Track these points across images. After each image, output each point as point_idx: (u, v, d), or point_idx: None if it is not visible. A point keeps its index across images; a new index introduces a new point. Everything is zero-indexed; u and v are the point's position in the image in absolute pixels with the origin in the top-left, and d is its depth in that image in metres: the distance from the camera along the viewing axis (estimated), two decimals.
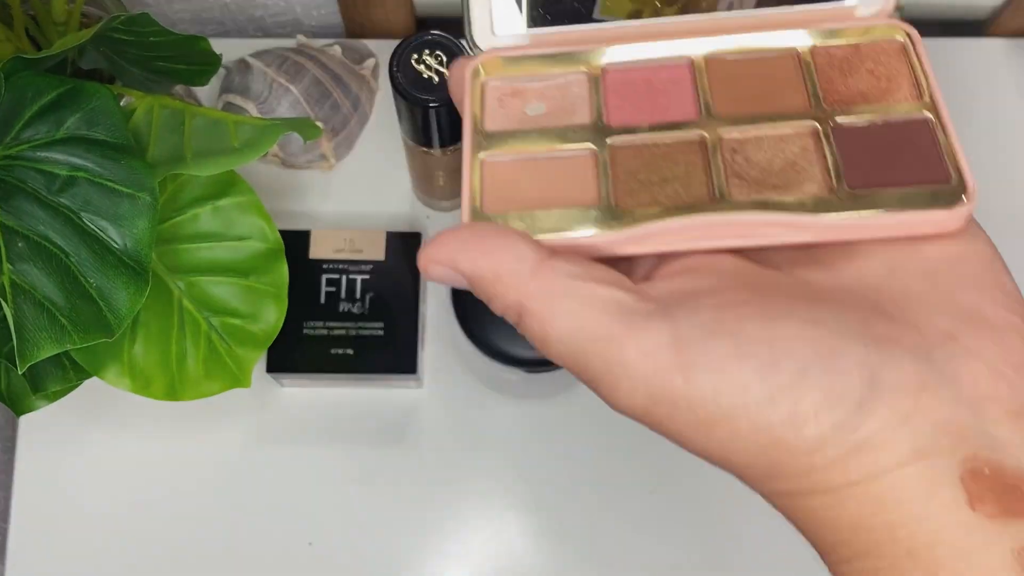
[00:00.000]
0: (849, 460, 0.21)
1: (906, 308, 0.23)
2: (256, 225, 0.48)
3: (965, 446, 0.21)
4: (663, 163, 0.26)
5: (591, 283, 0.23)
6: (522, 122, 0.28)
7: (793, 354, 0.21)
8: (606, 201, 0.26)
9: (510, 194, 0.26)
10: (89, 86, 0.40)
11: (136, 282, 0.40)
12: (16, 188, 0.39)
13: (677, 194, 0.25)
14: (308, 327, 0.55)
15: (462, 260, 0.24)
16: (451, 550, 0.57)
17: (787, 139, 0.26)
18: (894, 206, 0.24)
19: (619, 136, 0.27)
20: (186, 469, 0.58)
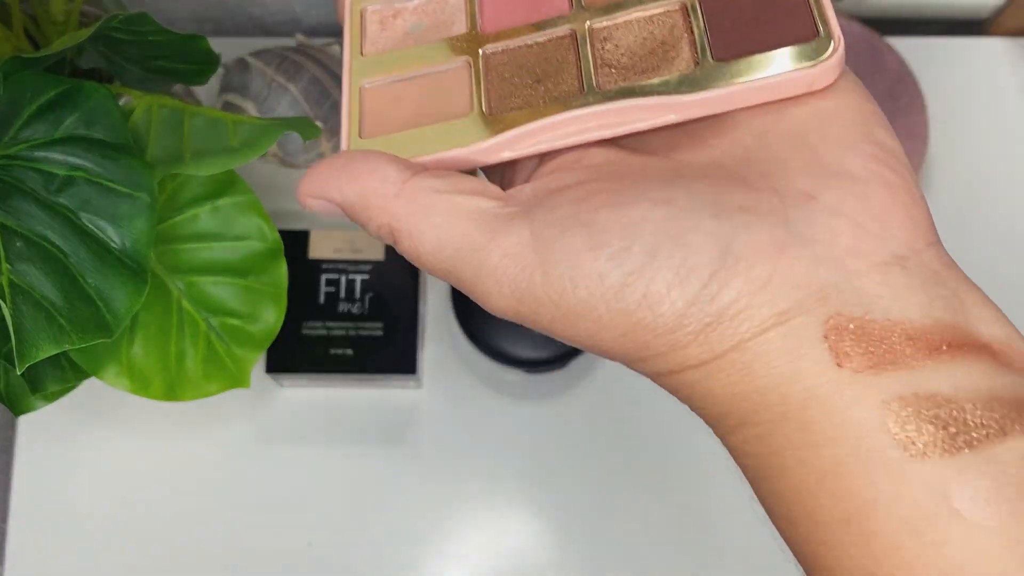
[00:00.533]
0: (710, 333, 0.21)
1: (770, 173, 0.22)
2: (255, 225, 0.47)
3: (828, 304, 0.21)
4: (535, 63, 0.26)
5: (455, 195, 0.23)
6: (402, 41, 0.28)
7: (644, 236, 0.21)
8: (478, 110, 0.26)
9: (389, 117, 0.27)
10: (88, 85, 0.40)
11: (135, 282, 0.40)
12: (14, 188, 0.39)
13: (548, 92, 0.26)
14: (307, 327, 0.55)
15: (331, 190, 0.24)
16: (451, 550, 0.57)
17: (656, 19, 0.26)
18: (759, 71, 0.24)
19: (492, 43, 0.27)
20: (185, 469, 0.58)
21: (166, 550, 0.57)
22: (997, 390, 0.20)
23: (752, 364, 0.21)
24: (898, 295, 0.21)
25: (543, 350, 0.56)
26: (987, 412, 0.20)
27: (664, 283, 0.21)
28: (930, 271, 0.21)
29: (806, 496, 0.21)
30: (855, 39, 0.59)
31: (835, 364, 0.20)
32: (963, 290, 0.22)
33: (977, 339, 0.21)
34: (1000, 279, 0.59)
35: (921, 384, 0.20)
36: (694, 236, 0.21)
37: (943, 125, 0.61)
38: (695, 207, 0.22)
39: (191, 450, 0.58)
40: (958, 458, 0.19)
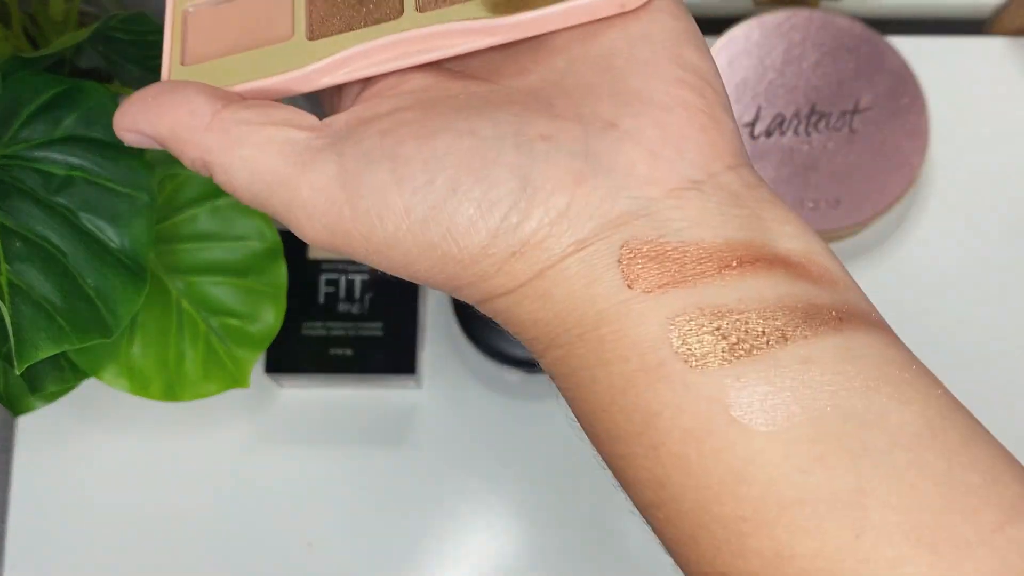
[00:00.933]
0: (515, 263, 0.22)
1: (577, 100, 0.23)
2: (255, 225, 0.47)
3: (624, 231, 0.21)
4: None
5: (266, 127, 0.23)
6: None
7: (446, 169, 0.22)
8: (300, 35, 0.25)
9: (212, 41, 0.26)
10: (87, 85, 0.40)
11: (134, 282, 0.40)
12: (13, 188, 0.39)
13: (369, 14, 0.25)
14: (307, 327, 0.55)
15: (143, 122, 0.24)
16: (450, 550, 0.57)
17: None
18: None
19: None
20: (184, 470, 0.58)
21: (166, 550, 0.57)
22: (784, 299, 0.21)
23: (552, 291, 0.22)
24: (691, 218, 0.21)
25: None
26: (770, 320, 0.20)
27: (466, 217, 0.21)
28: (727, 193, 0.22)
29: (602, 413, 0.22)
30: (855, 39, 0.59)
31: (626, 286, 0.21)
32: (764, 208, 0.22)
33: (773, 254, 0.21)
34: (1000, 279, 0.59)
35: (706, 299, 0.21)
36: (494, 168, 0.21)
37: (943, 125, 0.61)
38: (498, 137, 0.22)
39: (191, 450, 0.58)
40: (736, 366, 0.20)
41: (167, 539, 0.57)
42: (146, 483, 0.57)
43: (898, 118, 0.57)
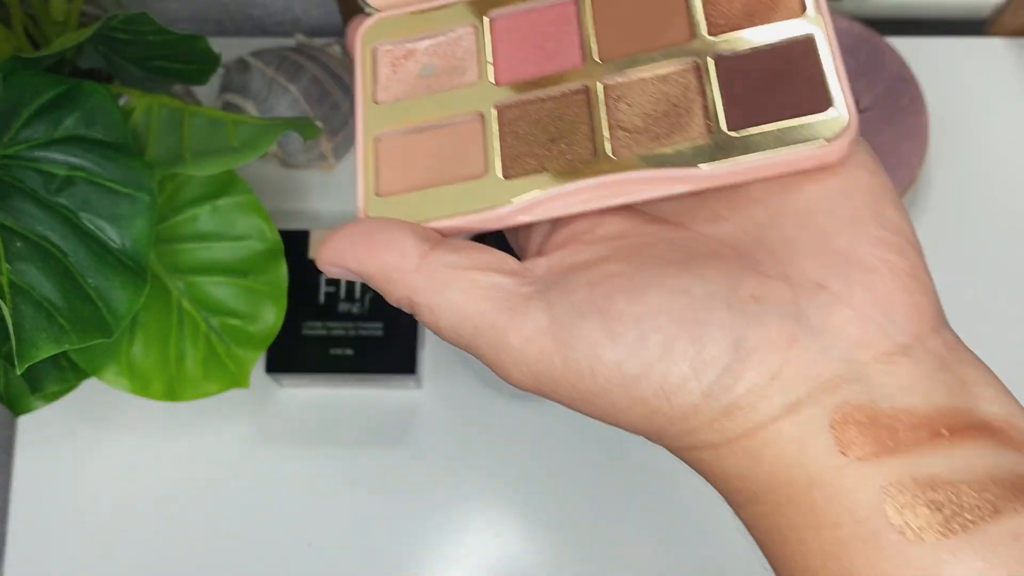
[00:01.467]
0: (724, 421, 0.22)
1: (782, 258, 0.23)
2: (255, 225, 0.47)
3: (836, 395, 0.21)
4: (549, 120, 0.26)
5: (472, 271, 0.24)
6: (414, 87, 0.28)
7: (660, 328, 0.22)
8: (493, 173, 0.26)
9: (404, 171, 0.27)
10: (87, 85, 0.40)
11: (135, 282, 0.40)
12: (14, 188, 0.39)
13: (561, 154, 0.26)
14: (307, 327, 0.55)
15: (351, 260, 0.25)
16: (450, 550, 0.57)
17: (669, 79, 0.26)
18: (772, 145, 0.24)
19: (505, 95, 0.27)
20: (185, 470, 0.58)
21: (166, 550, 0.57)
22: (993, 470, 0.21)
23: (761, 451, 0.22)
24: (902, 384, 0.21)
25: None
26: (982, 493, 0.20)
27: (680, 375, 0.22)
28: (934, 357, 0.22)
29: (809, 574, 0.22)
30: (855, 39, 0.59)
31: (839, 452, 0.21)
32: (967, 371, 0.22)
33: (979, 419, 0.21)
34: (1000, 278, 0.59)
35: (920, 469, 0.21)
36: (708, 328, 0.22)
37: (943, 125, 0.61)
38: (709, 296, 0.22)
39: (191, 450, 0.58)
40: (952, 540, 0.20)
41: (167, 539, 0.57)
42: (146, 483, 0.57)
43: (898, 119, 0.57)
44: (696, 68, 0.26)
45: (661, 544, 0.56)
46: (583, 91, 0.26)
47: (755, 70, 0.25)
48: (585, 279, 0.23)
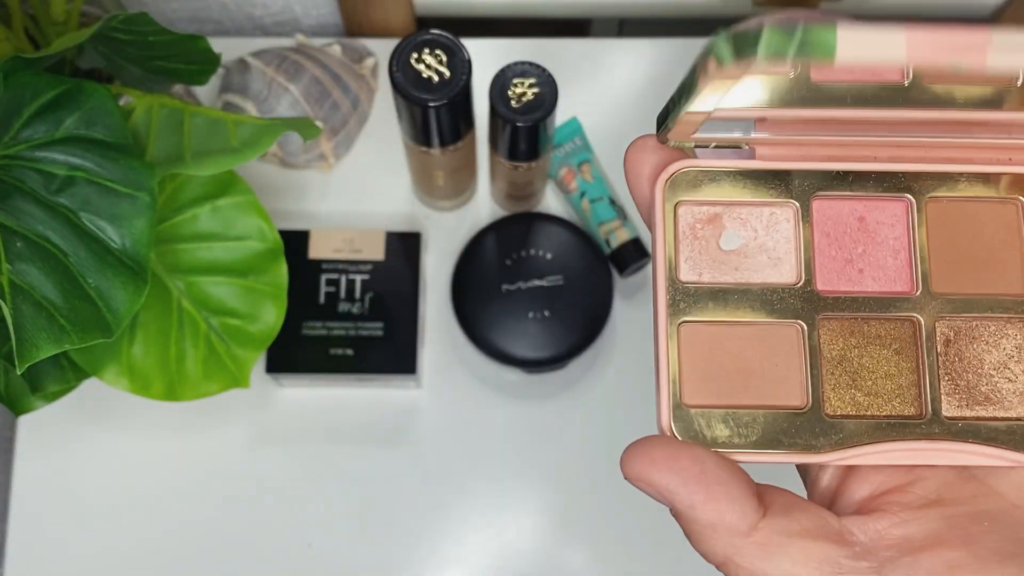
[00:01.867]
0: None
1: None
2: (255, 225, 0.47)
3: None
4: (874, 351, 0.25)
5: (804, 540, 0.23)
6: (719, 265, 0.25)
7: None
8: (813, 406, 0.24)
9: (710, 378, 0.25)
10: (88, 85, 0.40)
11: (135, 282, 0.40)
12: (15, 188, 0.39)
13: (887, 403, 0.24)
14: (307, 327, 0.55)
15: (679, 498, 0.24)
16: (451, 550, 0.57)
17: (1002, 332, 0.25)
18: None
19: (828, 310, 0.25)
20: (185, 469, 0.58)
21: (166, 550, 0.57)
22: None
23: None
24: None
25: (543, 350, 0.56)
26: None
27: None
28: None
29: None
30: None
31: None
32: None
33: None
34: None
35: None
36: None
37: None
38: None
39: (191, 450, 0.58)
40: None
41: (167, 538, 0.57)
42: (146, 483, 0.57)
43: None
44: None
45: (662, 544, 0.56)
46: (912, 324, 0.25)
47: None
48: (927, 567, 0.23)
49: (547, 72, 0.48)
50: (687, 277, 0.25)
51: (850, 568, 0.23)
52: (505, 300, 0.56)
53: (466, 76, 0.46)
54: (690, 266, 0.25)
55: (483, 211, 0.61)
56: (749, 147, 0.25)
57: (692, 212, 0.25)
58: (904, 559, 0.23)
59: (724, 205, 0.25)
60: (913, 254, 0.25)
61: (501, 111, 0.48)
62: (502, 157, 0.52)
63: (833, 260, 0.25)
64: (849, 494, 0.25)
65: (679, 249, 0.25)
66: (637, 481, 0.24)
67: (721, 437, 0.24)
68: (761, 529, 0.23)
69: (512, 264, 0.57)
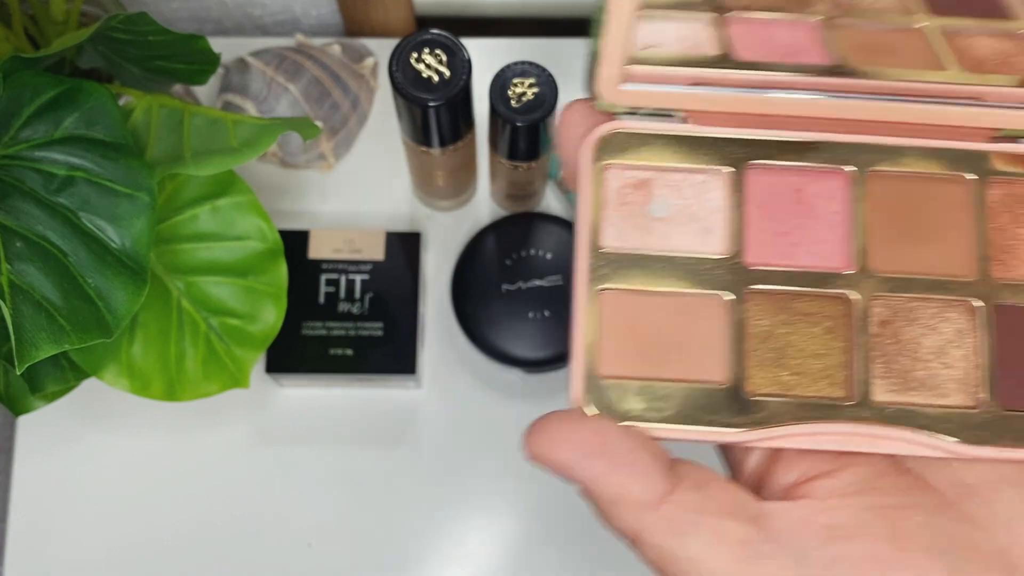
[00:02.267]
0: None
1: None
2: (255, 225, 0.47)
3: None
4: (803, 329, 0.23)
5: (717, 519, 0.22)
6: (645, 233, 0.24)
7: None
8: (734, 382, 0.23)
9: (628, 348, 0.23)
10: (87, 85, 0.40)
11: (135, 282, 0.40)
12: (14, 188, 0.39)
13: (814, 383, 0.23)
14: (307, 327, 0.55)
15: (581, 470, 0.22)
16: (451, 550, 0.57)
17: (942, 315, 0.23)
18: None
19: (755, 281, 0.24)
20: (185, 470, 0.58)
21: (166, 550, 0.57)
22: None
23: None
24: None
25: (543, 350, 0.56)
26: None
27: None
28: None
29: None
30: None
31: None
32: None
33: None
34: None
35: None
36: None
37: None
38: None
39: (191, 450, 0.58)
40: None
41: (167, 539, 0.57)
42: (146, 483, 0.57)
43: None
44: (971, 312, 0.23)
45: None
46: (845, 303, 0.24)
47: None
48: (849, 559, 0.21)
49: (547, 72, 0.48)
50: (611, 243, 0.24)
51: (768, 553, 0.21)
52: (505, 300, 0.56)
53: (466, 76, 0.46)
54: (615, 232, 0.24)
55: (483, 211, 0.61)
56: (683, 115, 0.24)
57: (620, 176, 0.24)
58: (827, 548, 0.22)
59: (654, 170, 0.24)
60: (851, 228, 0.24)
61: (501, 111, 0.48)
62: (502, 157, 0.52)
63: (765, 232, 0.24)
64: (775, 479, 0.23)
65: (604, 214, 0.24)
66: (538, 460, 0.22)
67: (635, 410, 0.23)
68: (670, 503, 0.22)
69: (512, 264, 0.57)
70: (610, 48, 0.23)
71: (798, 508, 0.22)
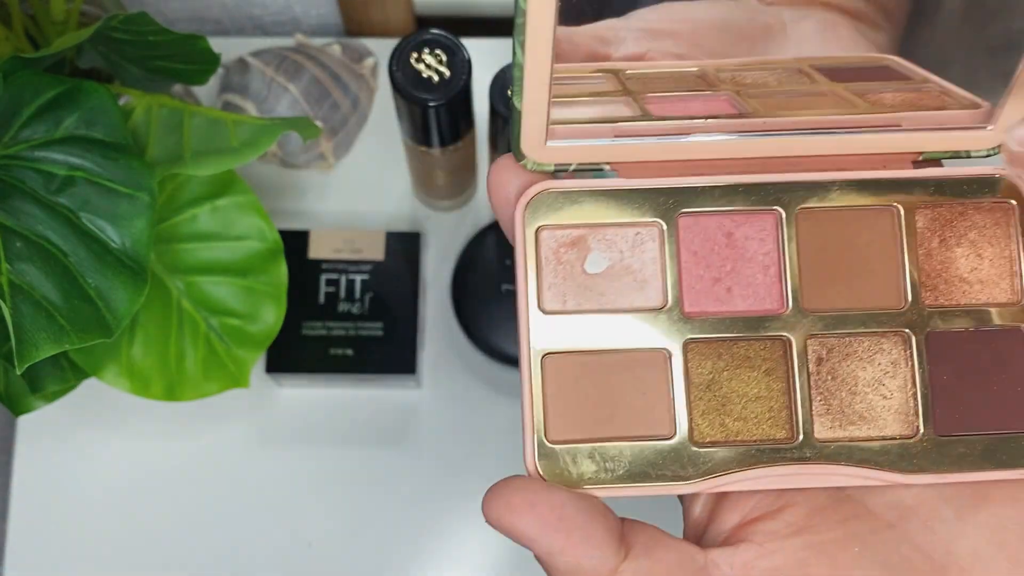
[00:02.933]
0: None
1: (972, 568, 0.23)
2: (255, 225, 0.47)
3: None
4: (743, 374, 0.24)
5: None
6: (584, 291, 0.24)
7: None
8: (681, 435, 0.24)
9: (576, 412, 0.24)
10: (88, 85, 0.40)
11: (135, 282, 0.40)
12: (14, 188, 0.39)
13: (758, 426, 0.24)
14: (307, 327, 0.55)
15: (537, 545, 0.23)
16: (451, 550, 0.57)
17: (877, 347, 0.24)
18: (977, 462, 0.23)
19: (695, 333, 0.24)
20: (185, 470, 0.58)
21: (166, 550, 0.57)
22: None
23: None
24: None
25: None
26: None
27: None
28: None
29: None
30: None
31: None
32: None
33: None
34: None
35: None
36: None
37: None
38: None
39: (191, 450, 0.58)
40: None
41: (167, 539, 0.57)
42: (146, 483, 0.57)
43: None
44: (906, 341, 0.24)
45: None
46: (783, 344, 0.24)
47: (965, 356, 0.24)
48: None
49: None
50: (551, 306, 0.24)
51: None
52: (505, 300, 0.56)
53: (466, 76, 0.46)
54: (554, 293, 0.24)
55: (483, 211, 0.61)
56: (611, 167, 0.25)
57: (555, 236, 0.25)
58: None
59: (587, 228, 0.24)
60: (783, 269, 0.24)
61: (501, 111, 0.47)
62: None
63: (700, 280, 0.24)
64: (719, 523, 0.24)
65: (542, 276, 0.24)
66: (496, 526, 0.23)
67: (588, 473, 0.24)
68: (622, 573, 0.23)
69: (512, 264, 0.57)
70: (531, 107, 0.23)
71: (739, 553, 0.23)
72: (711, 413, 0.24)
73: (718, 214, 0.25)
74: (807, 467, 0.23)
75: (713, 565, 0.23)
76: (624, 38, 0.25)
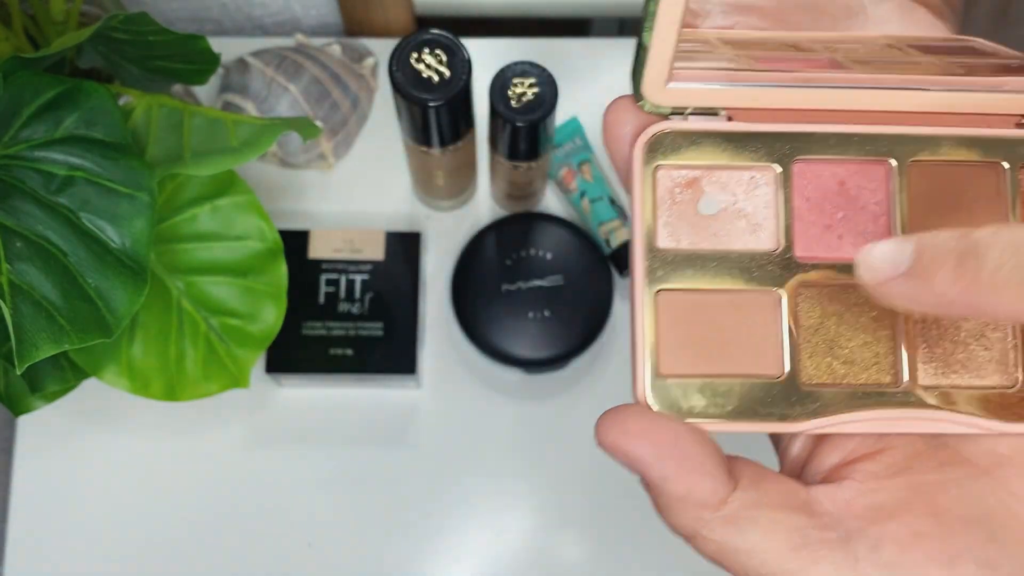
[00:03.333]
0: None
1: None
2: (255, 225, 0.47)
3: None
4: (851, 319, 0.24)
5: (772, 512, 0.23)
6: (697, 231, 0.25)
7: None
8: (790, 375, 0.24)
9: (688, 347, 0.24)
10: (87, 85, 0.40)
11: (135, 282, 0.40)
12: (14, 188, 0.39)
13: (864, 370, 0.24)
14: (307, 327, 0.55)
15: (652, 470, 0.23)
16: (451, 550, 0.57)
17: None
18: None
19: (806, 275, 0.24)
20: (185, 470, 0.58)
21: (166, 550, 0.57)
22: None
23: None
24: None
25: (543, 350, 0.56)
26: None
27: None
28: None
29: None
30: None
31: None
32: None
33: None
34: None
35: None
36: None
37: None
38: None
39: (191, 450, 0.58)
40: None
41: (167, 539, 0.57)
42: (146, 483, 0.57)
43: None
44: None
45: (662, 544, 0.56)
46: None
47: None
48: (893, 537, 0.23)
49: (547, 72, 0.48)
50: (665, 244, 0.25)
51: (817, 539, 0.23)
52: (505, 300, 0.56)
53: (466, 76, 0.46)
54: (668, 232, 0.25)
55: (483, 211, 0.61)
56: (727, 113, 0.25)
57: (671, 176, 0.25)
58: (871, 529, 0.23)
59: (703, 169, 0.25)
60: (893, 219, 0.25)
61: (501, 111, 0.48)
62: (502, 157, 0.52)
63: (813, 226, 0.25)
64: (819, 462, 0.25)
65: (657, 215, 0.25)
66: (611, 449, 0.24)
67: (697, 407, 0.24)
68: (731, 503, 0.23)
69: (512, 264, 0.57)
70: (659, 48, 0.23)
71: (841, 491, 0.24)
72: (819, 356, 0.24)
73: (832, 162, 0.25)
74: (911, 411, 0.24)
75: (815, 501, 0.23)
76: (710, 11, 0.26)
